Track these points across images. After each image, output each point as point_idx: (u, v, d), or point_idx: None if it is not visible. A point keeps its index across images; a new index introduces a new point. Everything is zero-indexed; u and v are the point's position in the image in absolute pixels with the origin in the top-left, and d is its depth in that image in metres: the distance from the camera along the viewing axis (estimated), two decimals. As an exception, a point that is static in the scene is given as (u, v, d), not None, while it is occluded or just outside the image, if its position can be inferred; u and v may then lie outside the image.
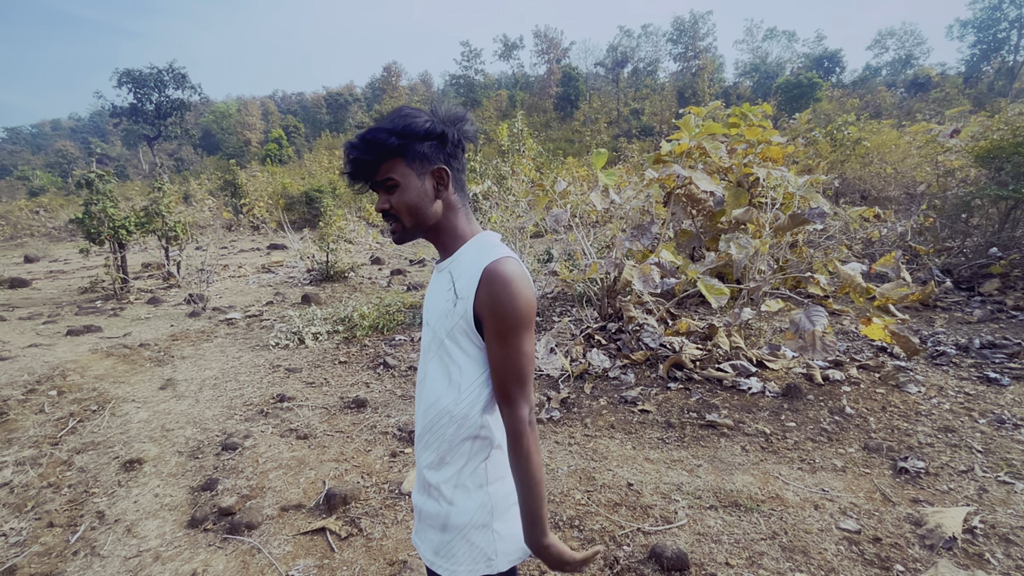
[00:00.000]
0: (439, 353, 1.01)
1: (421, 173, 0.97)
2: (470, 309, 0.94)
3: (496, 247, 0.99)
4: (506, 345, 0.92)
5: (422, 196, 0.98)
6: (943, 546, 2.05)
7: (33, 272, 11.26)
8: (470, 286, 0.94)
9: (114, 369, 4.76)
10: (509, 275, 0.92)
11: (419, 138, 0.95)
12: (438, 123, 0.97)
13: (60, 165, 50.42)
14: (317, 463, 3.00)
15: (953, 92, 30.43)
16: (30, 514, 2.63)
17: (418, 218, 0.99)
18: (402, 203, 0.98)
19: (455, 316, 0.96)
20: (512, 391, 0.93)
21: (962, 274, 5.89)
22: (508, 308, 0.91)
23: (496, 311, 0.91)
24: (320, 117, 59.11)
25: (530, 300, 0.94)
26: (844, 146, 11.15)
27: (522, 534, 1.02)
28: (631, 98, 48.83)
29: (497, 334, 0.92)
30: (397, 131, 0.94)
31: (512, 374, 0.93)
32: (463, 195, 1.05)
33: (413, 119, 0.95)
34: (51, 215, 21.97)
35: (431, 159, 0.98)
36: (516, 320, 0.92)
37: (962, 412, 3.13)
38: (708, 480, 2.63)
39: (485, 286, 0.92)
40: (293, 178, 22.95)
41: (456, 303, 0.96)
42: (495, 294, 0.91)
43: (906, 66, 51.34)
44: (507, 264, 0.93)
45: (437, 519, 1.03)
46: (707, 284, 3.67)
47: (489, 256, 0.95)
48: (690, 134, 4.84)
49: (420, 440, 1.07)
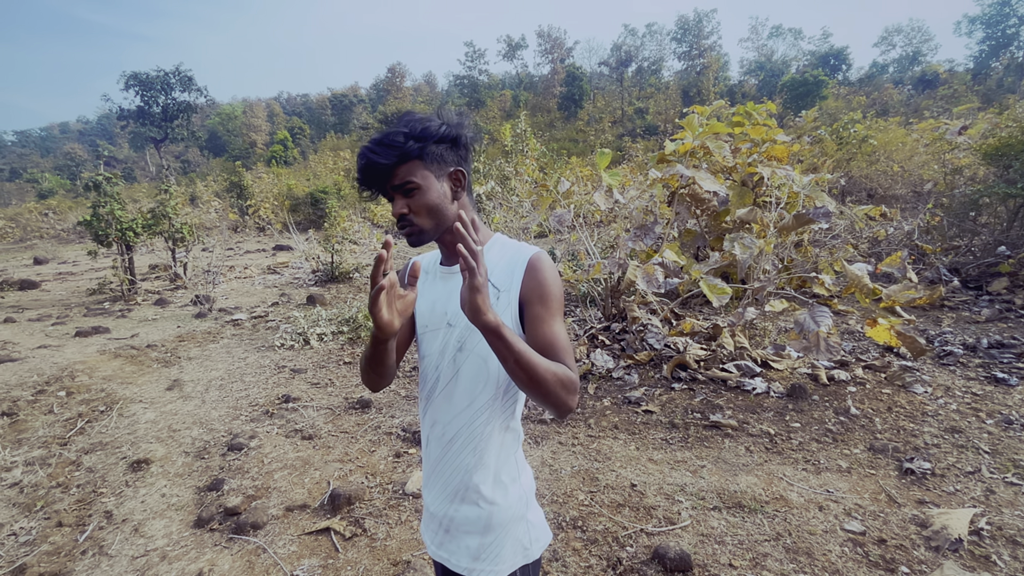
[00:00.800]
0: (476, 350, 1.01)
1: (439, 176, 0.99)
2: (515, 299, 0.98)
3: (522, 243, 1.05)
4: (555, 324, 0.97)
5: (441, 198, 0.99)
6: (949, 548, 2.04)
7: (42, 274, 11.38)
8: (512, 276, 0.99)
9: (122, 370, 4.81)
10: (551, 264, 1.01)
11: (436, 140, 0.96)
12: (451, 126, 0.99)
13: (68, 168, 50.91)
14: (322, 463, 3.02)
15: (961, 89, 30.13)
16: (39, 514, 2.67)
17: (438, 220, 1.00)
18: (422, 205, 0.98)
19: (498, 308, 0.98)
20: (569, 362, 0.95)
21: (970, 273, 5.83)
22: (555, 291, 0.98)
23: (545, 294, 0.97)
24: (325, 118, 59.36)
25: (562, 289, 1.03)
26: (850, 144, 11.06)
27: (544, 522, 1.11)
28: (635, 97, 48.71)
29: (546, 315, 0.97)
30: (415, 134, 0.95)
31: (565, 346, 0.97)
32: (472, 198, 1.08)
33: (428, 122, 0.96)
34: (60, 217, 22.20)
35: (448, 161, 0.99)
36: (560, 302, 0.99)
37: (969, 412, 3.11)
38: (712, 481, 2.63)
39: (532, 273, 0.98)
40: (298, 179, 23.07)
41: (499, 295, 0.99)
42: (544, 279, 0.97)
43: (913, 63, 50.93)
44: (545, 255, 1.02)
45: (478, 523, 1.03)
46: (710, 284, 3.66)
47: (523, 249, 1.02)
48: (694, 133, 4.83)
49: (452, 447, 1.05)
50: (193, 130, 43.78)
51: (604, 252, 6.00)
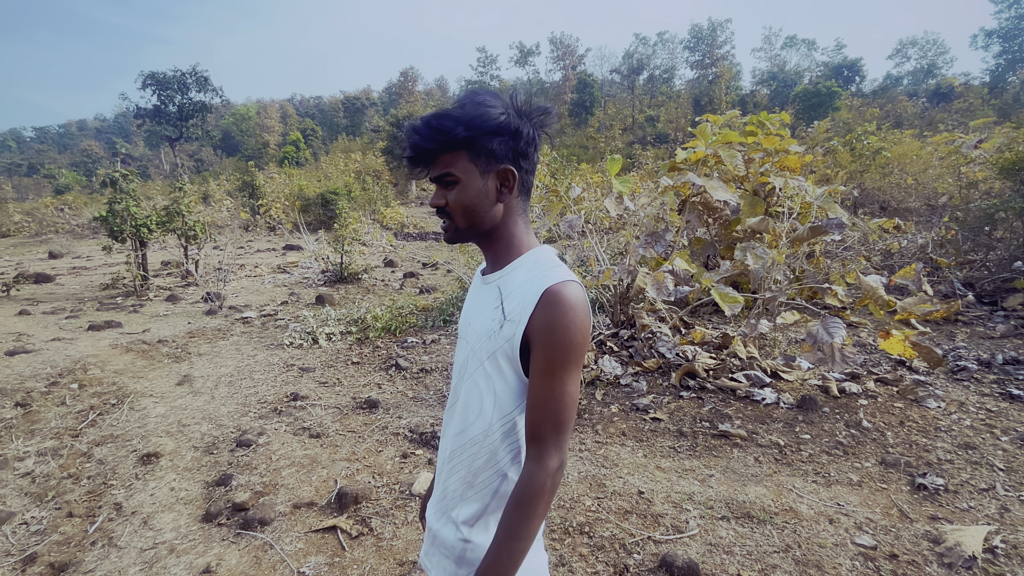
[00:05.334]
0: (475, 376, 0.91)
1: (485, 172, 0.86)
2: (519, 334, 0.84)
3: (556, 267, 0.87)
4: (552, 380, 0.81)
5: (482, 197, 0.87)
6: (962, 565, 2.01)
7: (57, 268, 11.55)
8: (523, 308, 0.84)
9: (133, 364, 4.86)
10: (571, 302, 0.81)
11: (490, 132, 0.84)
12: (514, 116, 0.85)
13: (85, 164, 51.78)
14: (329, 462, 3.03)
15: (977, 103, 29.80)
16: (50, 504, 2.70)
17: (474, 221, 0.89)
18: (459, 202, 0.87)
19: (500, 339, 0.86)
20: (546, 434, 0.81)
21: (985, 288, 5.76)
22: (563, 339, 0.80)
23: (550, 340, 0.81)
24: (337, 120, 59.95)
25: (586, 334, 0.83)
26: (863, 156, 10.99)
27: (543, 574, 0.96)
28: (646, 105, 48.74)
29: (545, 366, 0.81)
30: (466, 121, 0.82)
31: (551, 415, 0.81)
32: (526, 200, 0.94)
33: (487, 108, 0.84)
34: (75, 213, 22.53)
35: (499, 157, 0.86)
36: (569, 355, 0.81)
37: (983, 429, 3.06)
38: (720, 490, 2.60)
39: (543, 310, 0.81)
40: (310, 180, 23.26)
41: (504, 325, 0.86)
42: (553, 321, 0.80)
43: (928, 76, 50.56)
44: (570, 289, 0.82)
45: (452, 550, 0.94)
46: (721, 292, 3.64)
47: (550, 277, 0.84)
48: (706, 142, 4.82)
49: (447, 463, 0.98)
50: (207, 129, 44.39)
51: (614, 259, 5.99)
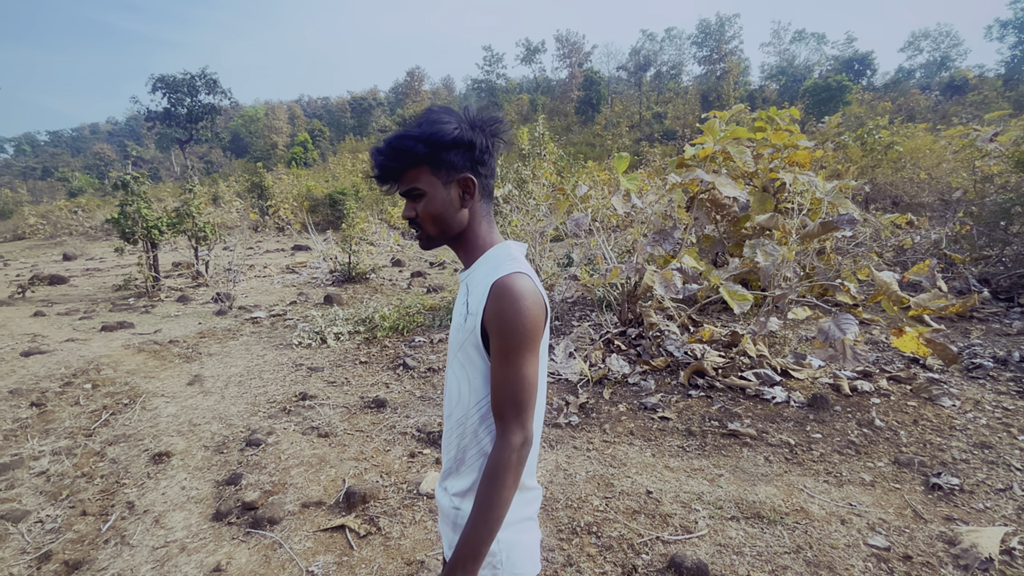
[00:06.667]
0: (453, 366, 1.02)
1: (447, 182, 0.95)
2: (479, 325, 0.92)
3: (509, 261, 0.96)
4: (507, 364, 0.90)
5: (447, 206, 0.96)
6: (979, 567, 1.97)
7: (71, 269, 11.73)
8: (480, 301, 0.93)
9: (145, 364, 4.92)
10: (518, 292, 0.89)
11: (446, 146, 0.92)
12: (467, 129, 0.94)
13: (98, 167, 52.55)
14: (337, 461, 3.04)
15: (992, 95, 29.23)
16: (65, 502, 2.74)
17: (443, 227, 0.99)
18: (427, 212, 0.97)
19: (466, 331, 0.95)
20: (506, 413, 0.90)
21: (1001, 284, 5.65)
22: (512, 326, 0.89)
23: (500, 328, 0.89)
24: (344, 121, 60.24)
25: (536, 320, 0.90)
26: (875, 151, 10.83)
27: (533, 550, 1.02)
28: (653, 102, 48.42)
29: (499, 352, 0.90)
30: (424, 138, 0.91)
31: (509, 396, 0.90)
32: (488, 202, 1.03)
33: (442, 125, 0.92)
34: (88, 215, 22.87)
35: (458, 167, 0.95)
36: (519, 340, 0.89)
37: (1000, 428, 3.00)
38: (730, 490, 2.58)
39: (493, 301, 0.90)
40: (317, 181, 23.40)
41: (467, 318, 0.95)
42: (500, 311, 0.89)
43: (941, 68, 49.71)
44: (516, 280, 0.91)
45: (448, 517, 1.02)
46: (730, 290, 3.61)
47: (500, 271, 0.93)
48: (714, 138, 4.78)
49: (444, 442, 1.08)
50: (217, 131, 44.80)
51: (621, 257, 5.96)
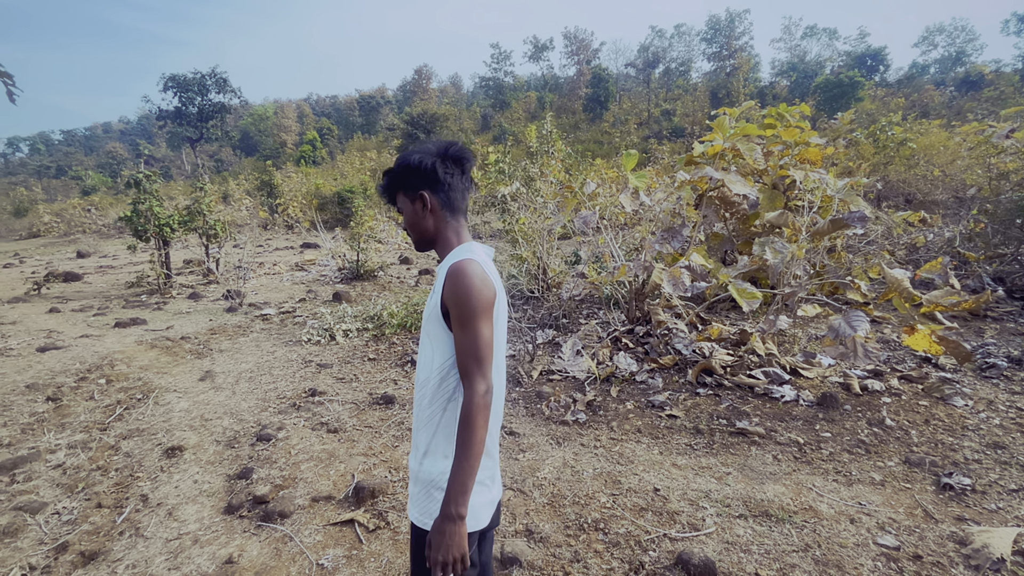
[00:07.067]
0: (423, 336, 1.27)
1: (413, 199, 1.26)
2: (439, 303, 1.18)
3: (463, 252, 1.22)
4: (466, 328, 1.13)
5: (415, 216, 1.27)
6: (990, 568, 1.95)
7: (85, 267, 11.91)
8: (440, 283, 1.18)
9: (158, 360, 4.99)
10: (465, 272, 1.14)
11: (408, 173, 1.24)
12: (426, 157, 1.23)
13: (110, 166, 53.21)
14: (346, 456, 3.08)
15: (1008, 91, 28.64)
16: (80, 495, 2.79)
17: (419, 233, 1.29)
18: (407, 223, 1.29)
19: (431, 307, 1.21)
20: (470, 368, 1.12)
21: (1016, 283, 5.57)
22: (464, 298, 1.12)
23: (455, 301, 1.13)
24: (353, 119, 60.43)
25: (483, 293, 1.13)
26: (888, 147, 10.69)
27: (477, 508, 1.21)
28: (662, 99, 48.09)
29: (457, 320, 1.14)
30: (396, 168, 1.26)
31: (470, 353, 1.12)
32: (454, 212, 1.28)
33: (406, 159, 1.24)
34: (101, 213, 23.17)
35: (416, 187, 1.25)
36: (472, 309, 1.12)
37: (1014, 428, 2.96)
38: (738, 488, 2.57)
39: (448, 281, 1.14)
40: (326, 179, 23.53)
41: (432, 296, 1.22)
42: (453, 287, 1.13)
43: (956, 64, 48.89)
44: (466, 264, 1.15)
45: (412, 472, 1.27)
46: (739, 288, 3.59)
47: (453, 259, 1.19)
48: (724, 135, 4.74)
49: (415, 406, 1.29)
50: (227, 130, 45.23)
51: (629, 255, 5.94)
